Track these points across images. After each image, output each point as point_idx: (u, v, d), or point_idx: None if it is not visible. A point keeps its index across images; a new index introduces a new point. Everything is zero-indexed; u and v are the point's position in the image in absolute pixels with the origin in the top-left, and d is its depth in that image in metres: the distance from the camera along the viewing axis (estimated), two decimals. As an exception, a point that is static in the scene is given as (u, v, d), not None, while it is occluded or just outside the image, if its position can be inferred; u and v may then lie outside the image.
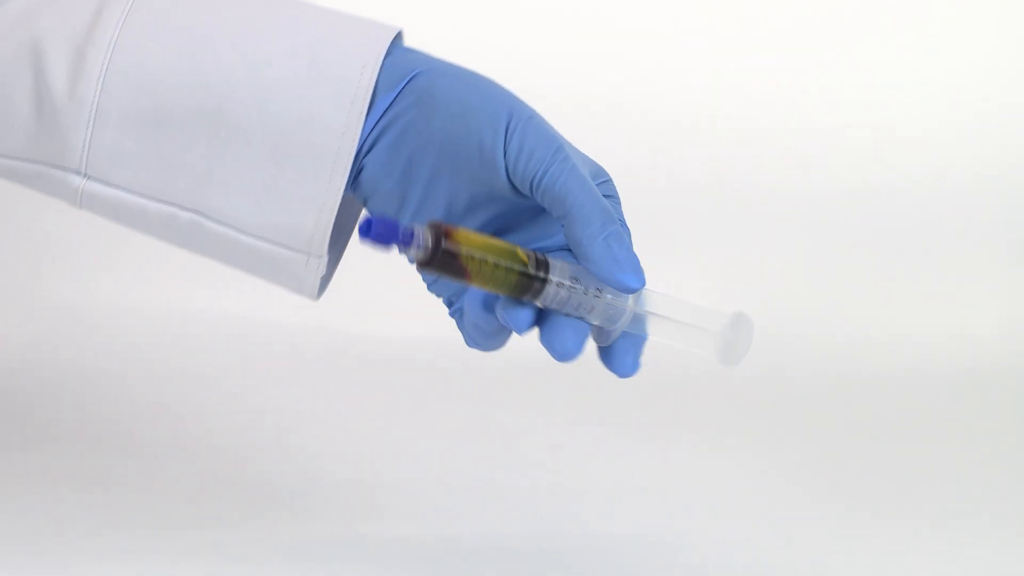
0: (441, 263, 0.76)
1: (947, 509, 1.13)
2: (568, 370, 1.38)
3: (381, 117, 0.82)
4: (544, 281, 0.78)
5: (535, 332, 0.80)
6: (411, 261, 0.77)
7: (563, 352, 0.79)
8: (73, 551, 0.94)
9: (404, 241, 0.76)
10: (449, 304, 0.84)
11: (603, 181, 0.83)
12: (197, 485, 1.08)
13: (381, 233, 0.75)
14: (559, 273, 0.78)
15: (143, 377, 1.31)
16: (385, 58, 0.82)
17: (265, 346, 1.39)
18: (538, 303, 0.79)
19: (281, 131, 0.81)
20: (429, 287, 0.84)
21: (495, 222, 0.83)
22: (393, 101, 0.82)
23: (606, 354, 0.81)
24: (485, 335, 0.81)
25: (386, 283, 1.50)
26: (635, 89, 1.62)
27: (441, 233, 0.76)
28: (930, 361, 1.47)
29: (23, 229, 1.50)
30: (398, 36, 0.84)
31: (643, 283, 0.78)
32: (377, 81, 0.81)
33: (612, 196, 0.82)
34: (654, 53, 1.63)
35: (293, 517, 1.03)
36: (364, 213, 0.83)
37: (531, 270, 0.78)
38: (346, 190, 0.83)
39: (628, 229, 0.82)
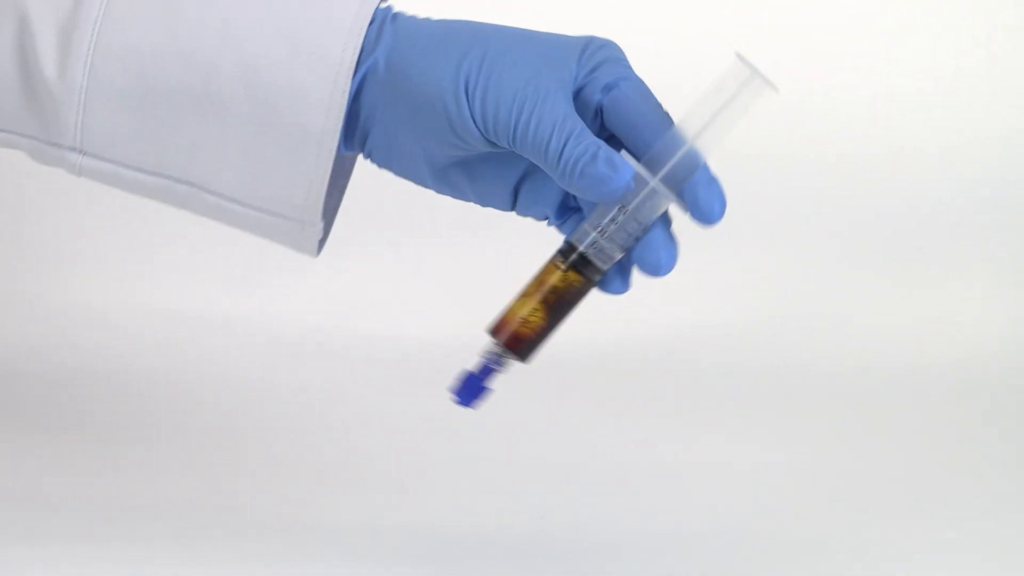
0: (530, 348, 0.81)
1: (948, 508, 1.13)
2: (570, 367, 1.38)
3: (364, 82, 0.83)
4: (590, 261, 0.80)
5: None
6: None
7: (662, 267, 0.81)
8: (74, 550, 0.94)
9: (491, 372, 0.82)
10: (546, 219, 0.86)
11: (595, 66, 0.82)
12: (197, 484, 1.08)
13: (473, 393, 0.82)
14: (590, 243, 0.80)
15: (143, 377, 1.31)
16: (369, 26, 0.82)
17: (265, 346, 1.39)
18: (607, 264, 0.80)
19: (267, 107, 0.82)
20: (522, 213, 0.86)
21: (509, 172, 0.84)
22: (366, 76, 0.82)
23: (691, 211, 0.81)
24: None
25: (386, 283, 1.50)
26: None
27: (501, 343, 0.81)
28: (932, 360, 1.47)
29: (23, 229, 1.50)
30: (384, 4, 0.84)
31: (629, 172, 0.79)
32: (361, 52, 0.82)
33: (608, 60, 0.82)
34: (656, 50, 1.63)
35: (293, 515, 1.03)
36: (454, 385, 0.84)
37: (576, 273, 0.81)
38: (337, 155, 0.84)
39: (636, 82, 0.82)
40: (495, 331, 0.81)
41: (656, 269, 0.81)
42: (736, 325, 1.50)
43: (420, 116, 0.81)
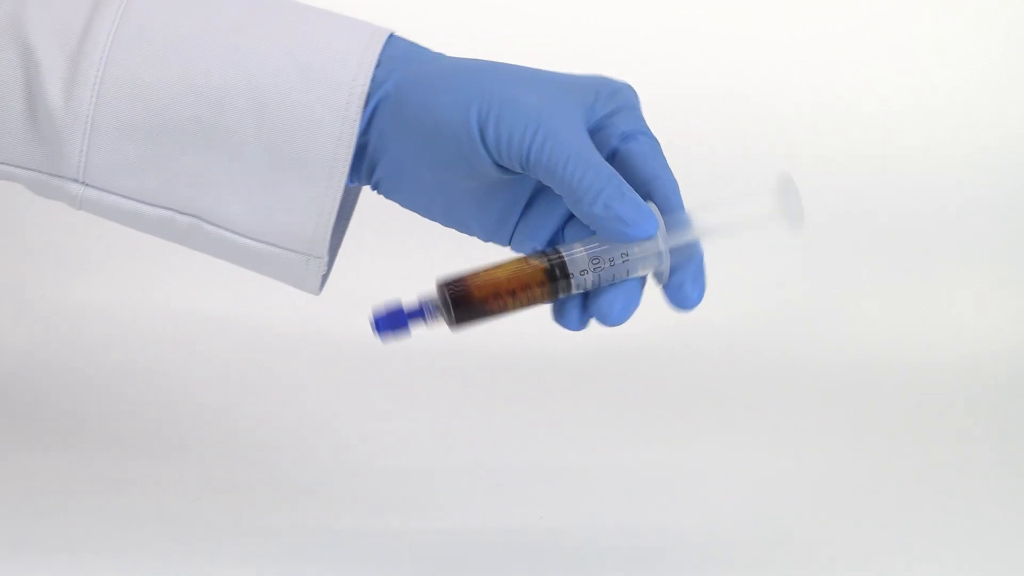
0: (467, 315, 0.79)
1: (949, 507, 1.13)
2: (570, 367, 1.38)
3: (374, 113, 0.82)
4: (568, 277, 0.79)
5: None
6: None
7: (613, 319, 0.80)
8: (72, 549, 0.94)
9: (419, 317, 0.79)
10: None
11: (613, 111, 0.82)
12: (197, 484, 1.08)
13: (392, 325, 0.79)
14: (578, 265, 0.79)
15: (144, 377, 1.31)
16: (380, 57, 0.82)
17: (265, 346, 1.39)
18: (575, 291, 0.79)
19: (277, 137, 0.81)
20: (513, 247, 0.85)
21: (512, 204, 0.84)
22: (376, 107, 0.82)
23: (668, 291, 0.81)
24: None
25: (386, 283, 1.50)
26: (644, 88, 1.62)
27: (447, 293, 0.79)
28: (933, 360, 1.47)
29: (23, 229, 1.50)
30: (391, 36, 0.83)
31: (654, 227, 0.78)
32: (372, 82, 0.81)
33: (623, 108, 0.82)
34: (658, 49, 1.63)
35: (294, 516, 1.03)
36: (372, 312, 0.82)
37: (547, 279, 0.79)
38: (346, 187, 0.83)
39: (653, 140, 0.81)
40: (447, 284, 0.79)
41: (609, 318, 0.80)
42: (736, 326, 1.50)
43: (430, 145, 0.80)
